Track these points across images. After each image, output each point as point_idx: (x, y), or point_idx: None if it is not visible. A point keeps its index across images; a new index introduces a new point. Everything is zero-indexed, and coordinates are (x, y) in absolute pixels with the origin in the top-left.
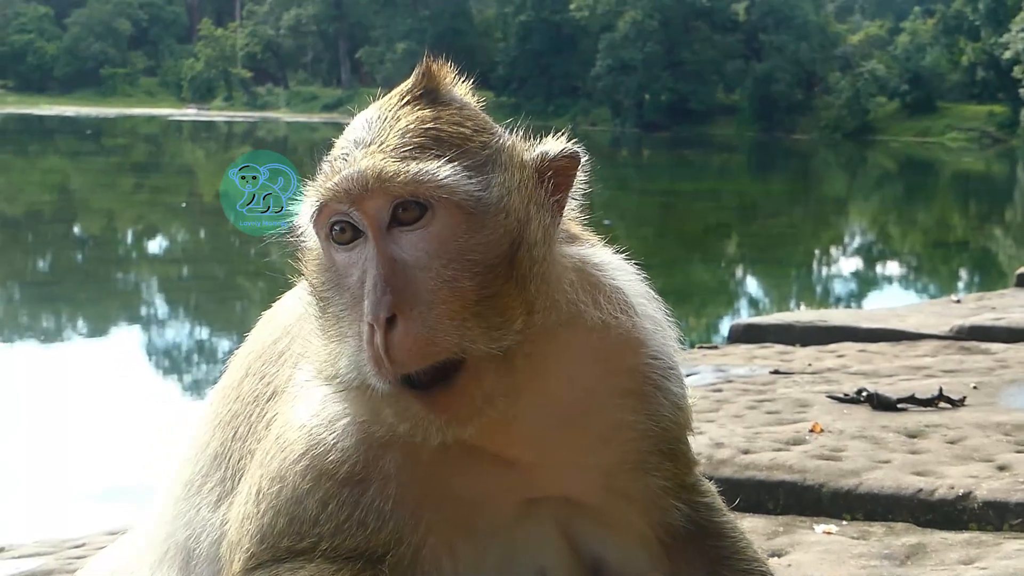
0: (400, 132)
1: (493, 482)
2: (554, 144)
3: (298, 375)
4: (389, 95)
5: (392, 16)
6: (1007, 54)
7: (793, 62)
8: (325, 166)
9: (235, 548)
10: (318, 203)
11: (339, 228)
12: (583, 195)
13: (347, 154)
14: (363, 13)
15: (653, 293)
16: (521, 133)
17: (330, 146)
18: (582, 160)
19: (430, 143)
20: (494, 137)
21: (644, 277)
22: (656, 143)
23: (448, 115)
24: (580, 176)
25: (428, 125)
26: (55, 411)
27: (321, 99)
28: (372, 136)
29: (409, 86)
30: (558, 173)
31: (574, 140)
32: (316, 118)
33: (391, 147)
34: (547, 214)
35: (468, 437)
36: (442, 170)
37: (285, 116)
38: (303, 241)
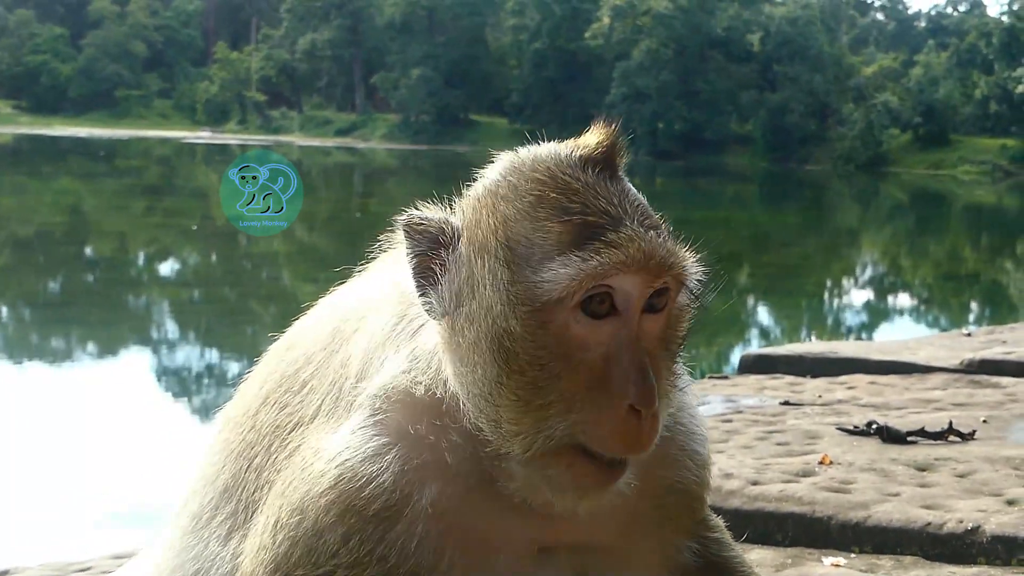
0: (641, 209)
1: (513, 527)
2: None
3: (327, 405)
4: (565, 151)
5: (407, 42)
6: (1020, 88)
7: (807, 93)
8: (557, 224)
9: None
10: (601, 271)
11: (599, 299)
12: None
13: (601, 223)
14: (379, 39)
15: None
16: None
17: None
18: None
19: (658, 224)
20: None
21: None
22: (669, 172)
23: (638, 193)
24: None
25: (644, 203)
26: (64, 433)
27: (335, 124)
28: (618, 208)
29: (598, 154)
30: None
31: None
32: (330, 142)
33: (651, 225)
34: None
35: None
36: (690, 256)
37: (299, 140)
38: (523, 298)
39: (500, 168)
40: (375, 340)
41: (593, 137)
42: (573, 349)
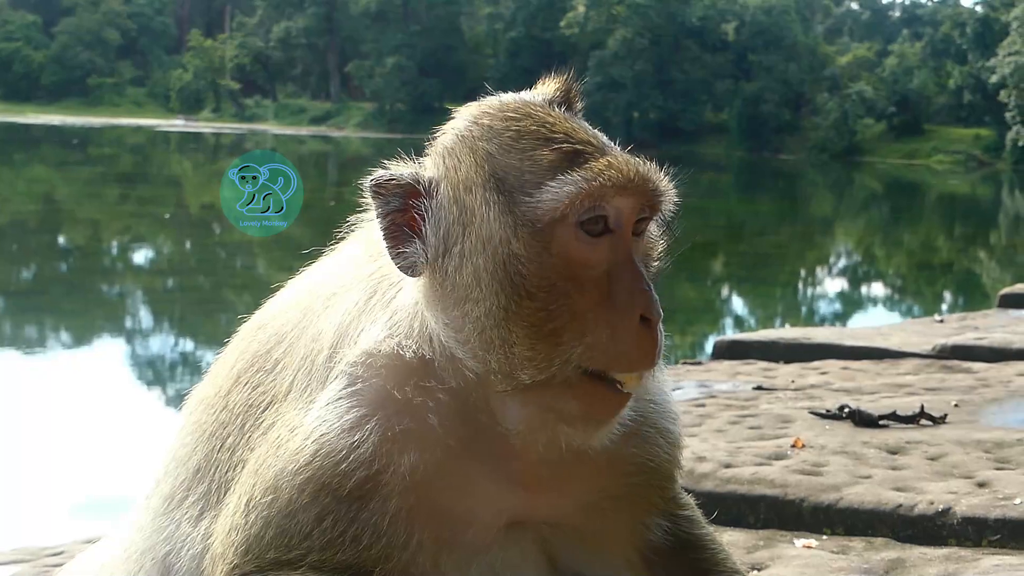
0: (611, 142)
1: (485, 502)
2: None
3: (298, 380)
4: (528, 96)
5: (382, 31)
6: (994, 78)
7: (782, 83)
8: (546, 152)
9: (218, 560)
10: (599, 189)
11: (594, 220)
12: None
13: (586, 150)
14: (353, 27)
15: None
16: None
17: (372, 165)
18: None
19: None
20: None
21: None
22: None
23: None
24: None
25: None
26: (37, 421)
27: (309, 112)
28: (594, 137)
29: (556, 94)
30: None
31: None
32: (304, 131)
33: (629, 152)
34: None
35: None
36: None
37: (273, 128)
38: (522, 221)
39: (467, 116)
40: (349, 314)
41: (551, 84)
42: (577, 268)
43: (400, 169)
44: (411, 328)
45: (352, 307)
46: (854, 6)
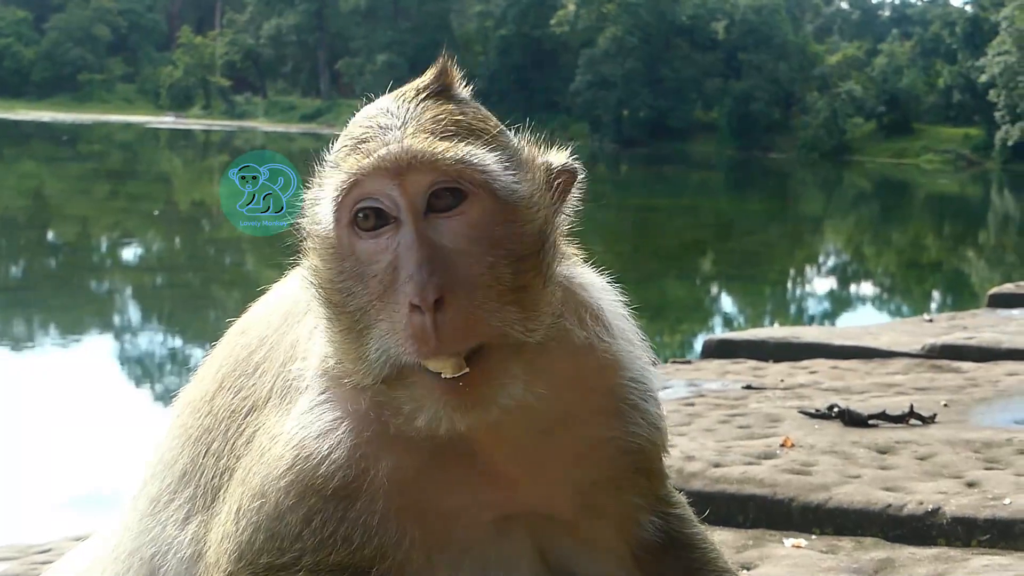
0: (432, 119)
1: (472, 496)
2: (558, 156)
3: (278, 387)
4: (400, 90)
5: (372, 28)
6: (983, 77)
7: (771, 81)
8: (346, 150)
9: (212, 568)
10: (350, 179)
11: (363, 215)
12: (574, 212)
13: (376, 136)
14: (344, 24)
15: (630, 315)
16: (529, 139)
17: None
18: (579, 176)
19: (465, 133)
20: (512, 137)
21: (621, 296)
22: (634, 159)
23: (471, 111)
24: (575, 192)
25: (458, 117)
26: (25, 417)
27: (300, 109)
28: (402, 121)
29: (426, 82)
30: (560, 185)
31: (575, 156)
32: (294, 128)
33: (429, 130)
34: (555, 218)
35: (469, 430)
36: (488, 156)
37: (263, 125)
38: (315, 231)
39: None
40: (318, 320)
41: (430, 71)
42: (363, 265)
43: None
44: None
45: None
46: (844, 5)
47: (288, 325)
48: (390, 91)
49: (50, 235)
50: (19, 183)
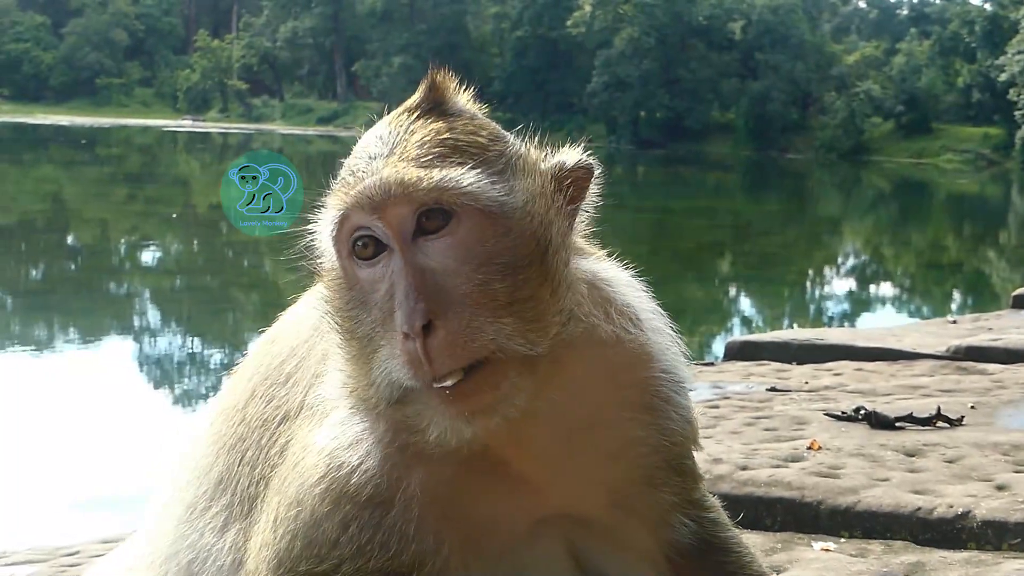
0: (417, 143)
1: (505, 501)
2: (570, 155)
3: (310, 399)
4: (396, 111)
5: (389, 30)
6: (1003, 76)
7: (789, 81)
8: (339, 183)
9: None
10: (339, 215)
11: (361, 243)
12: (593, 209)
13: (363, 168)
14: (360, 27)
15: (659, 308)
16: (535, 142)
17: (339, 166)
18: (595, 173)
19: (449, 152)
20: (509, 145)
21: (647, 290)
22: (651, 160)
23: (461, 125)
24: (592, 189)
25: (444, 136)
26: (49, 420)
27: (316, 112)
28: (388, 148)
29: (417, 100)
30: (573, 184)
31: (589, 153)
32: (311, 131)
33: (411, 156)
34: (565, 221)
35: (489, 440)
36: (465, 176)
37: (280, 128)
38: (321, 262)
39: None
40: None
41: (421, 87)
42: (366, 294)
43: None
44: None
45: None
46: (862, 4)
47: (319, 336)
48: (400, 100)
49: (69, 239)
50: (38, 187)
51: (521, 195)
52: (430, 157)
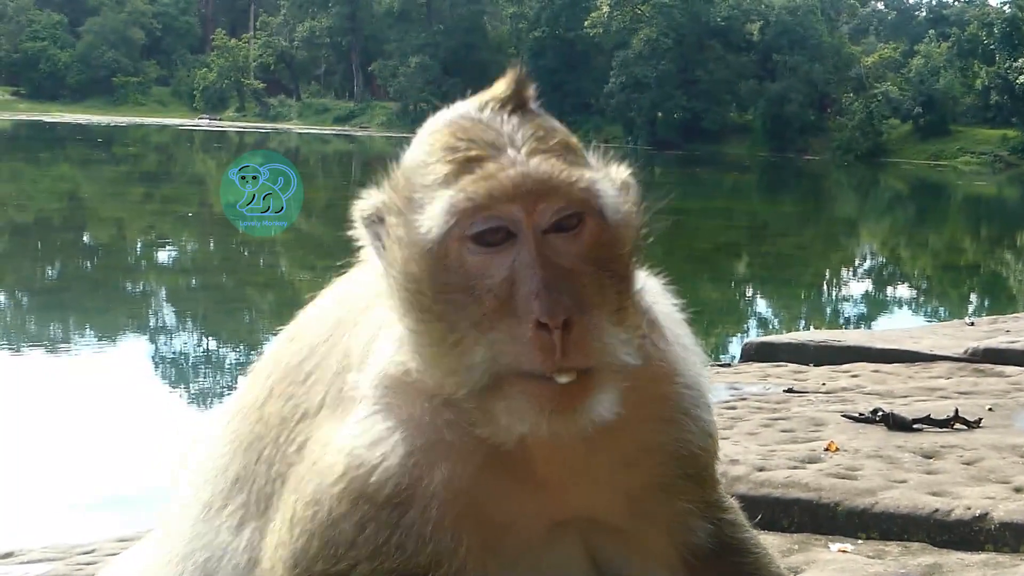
0: (537, 137)
1: (524, 503)
2: (618, 170)
3: (332, 394)
4: (480, 99)
5: (406, 30)
6: (1021, 78)
7: (806, 83)
8: (447, 167)
9: (268, 575)
10: (474, 203)
11: (481, 231)
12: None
13: (484, 155)
14: (377, 27)
15: (683, 319)
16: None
17: (395, 157)
18: (635, 190)
19: (570, 154)
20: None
21: (676, 299)
22: (668, 161)
23: (559, 127)
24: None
25: (558, 136)
26: (64, 418)
27: (333, 111)
28: (507, 138)
29: (507, 93)
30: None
31: (627, 166)
32: (328, 130)
33: (546, 151)
34: (640, 236)
35: (548, 441)
36: (604, 181)
37: (297, 128)
38: (411, 243)
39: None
40: (374, 332)
41: (501, 83)
42: (473, 279)
43: (372, 194)
44: (403, 346)
45: (376, 324)
46: (880, 6)
47: (339, 334)
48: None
49: (85, 237)
50: (54, 185)
51: (628, 206)
52: (563, 155)
